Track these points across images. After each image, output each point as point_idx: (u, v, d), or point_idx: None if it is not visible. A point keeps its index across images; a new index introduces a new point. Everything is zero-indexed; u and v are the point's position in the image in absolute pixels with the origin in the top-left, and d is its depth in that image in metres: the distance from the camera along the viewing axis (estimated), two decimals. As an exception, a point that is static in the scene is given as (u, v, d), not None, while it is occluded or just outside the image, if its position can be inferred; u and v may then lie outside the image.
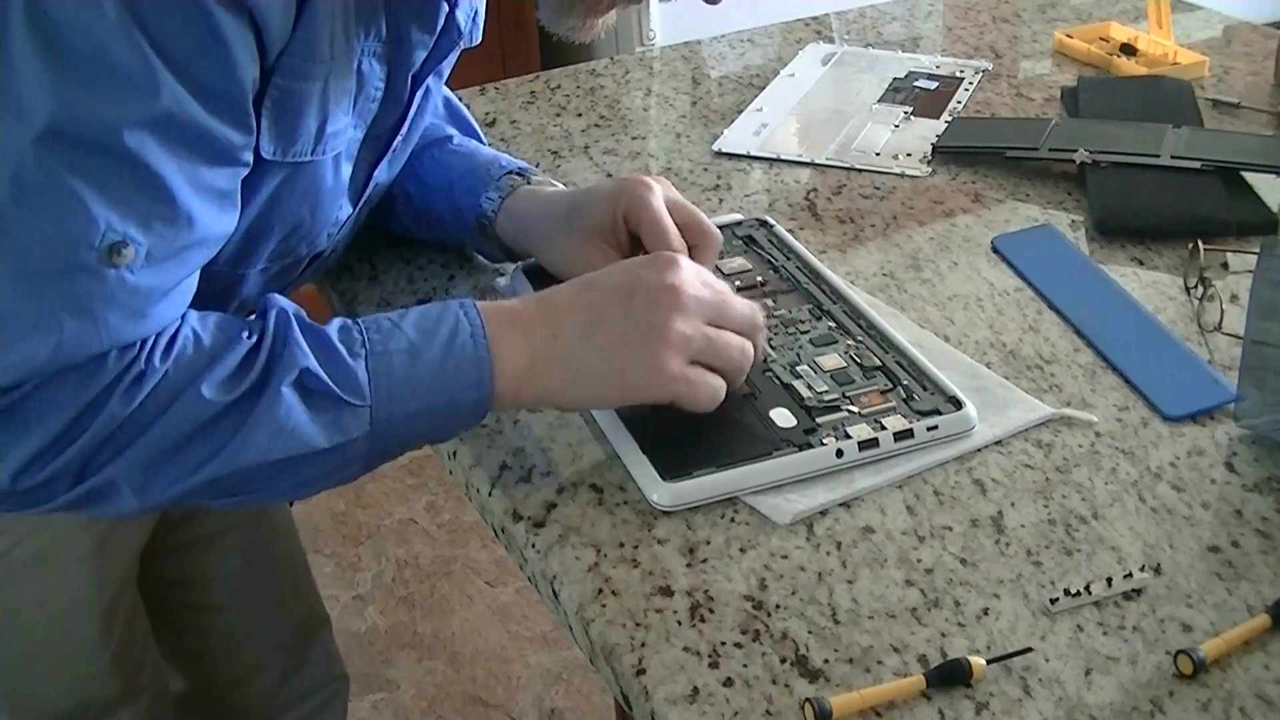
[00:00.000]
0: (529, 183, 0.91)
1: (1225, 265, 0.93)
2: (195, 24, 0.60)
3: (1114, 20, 1.36)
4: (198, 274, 0.69)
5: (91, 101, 0.60)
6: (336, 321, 0.69)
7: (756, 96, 1.24)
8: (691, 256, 0.79)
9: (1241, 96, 1.19)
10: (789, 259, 0.93)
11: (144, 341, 0.64)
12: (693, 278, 0.72)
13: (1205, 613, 0.65)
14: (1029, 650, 0.62)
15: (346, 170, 0.79)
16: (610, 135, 1.17)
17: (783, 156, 1.12)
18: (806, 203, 1.05)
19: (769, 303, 0.88)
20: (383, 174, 0.85)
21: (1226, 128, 1.14)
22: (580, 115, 1.21)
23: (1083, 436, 0.77)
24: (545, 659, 1.90)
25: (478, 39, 0.85)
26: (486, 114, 1.22)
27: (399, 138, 0.83)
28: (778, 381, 0.80)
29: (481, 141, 0.99)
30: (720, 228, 0.97)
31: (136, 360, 0.64)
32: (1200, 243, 0.91)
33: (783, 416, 0.76)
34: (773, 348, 0.83)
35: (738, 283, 0.90)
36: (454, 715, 1.82)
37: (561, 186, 0.92)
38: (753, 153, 1.13)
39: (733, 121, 1.19)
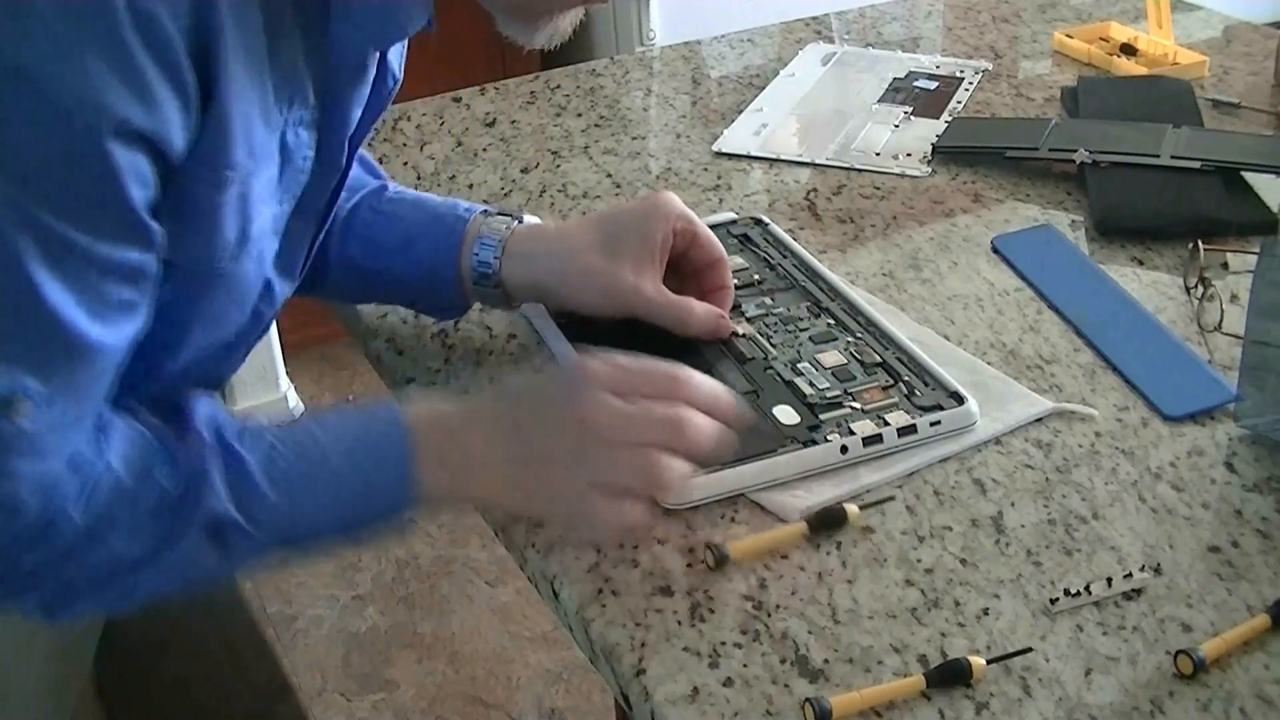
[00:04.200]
0: (520, 222, 0.85)
1: (1225, 265, 0.93)
2: (78, 164, 0.55)
3: (1114, 20, 1.36)
4: (112, 382, 0.64)
5: None
6: (266, 442, 0.67)
7: (756, 96, 1.24)
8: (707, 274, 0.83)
9: (1241, 96, 1.19)
10: (785, 257, 0.93)
11: (60, 487, 0.61)
12: (600, 396, 0.68)
13: (1205, 613, 0.65)
14: (1029, 650, 0.62)
15: (269, 252, 0.71)
16: (610, 135, 1.17)
17: (783, 156, 1.12)
18: (806, 203, 1.05)
19: (767, 300, 0.88)
20: (315, 246, 0.78)
21: (1226, 128, 1.14)
22: (580, 115, 1.21)
23: (1083, 436, 0.77)
24: (545, 659, 1.90)
25: (399, 80, 0.78)
26: (486, 114, 1.22)
27: (339, 204, 0.77)
28: (779, 379, 0.80)
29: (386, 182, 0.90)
30: (716, 227, 0.97)
31: (52, 506, 0.61)
32: (1200, 243, 0.91)
33: (786, 414, 0.77)
34: (773, 345, 0.83)
35: (735, 281, 0.90)
36: (454, 715, 1.82)
37: (538, 220, 0.87)
38: (753, 153, 1.13)
39: (733, 121, 1.19)
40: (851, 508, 0.70)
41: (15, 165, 0.54)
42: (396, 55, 0.74)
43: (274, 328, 2.19)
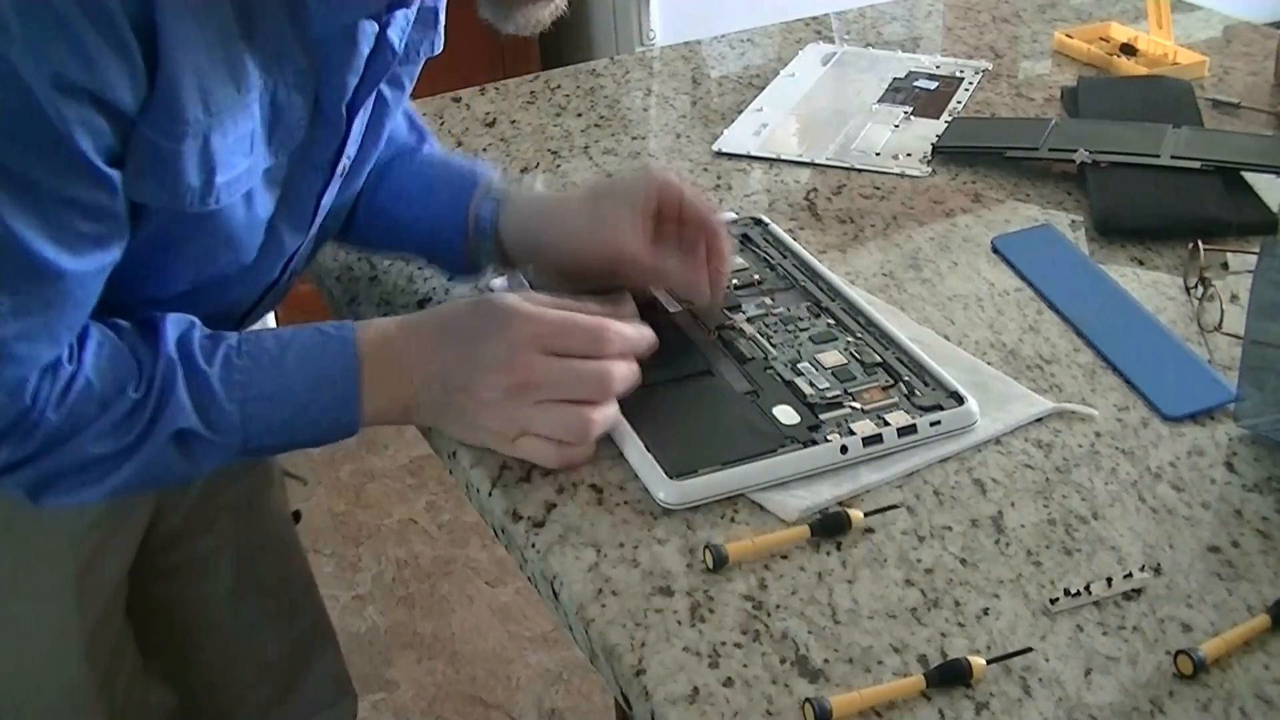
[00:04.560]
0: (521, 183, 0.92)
1: (1225, 265, 0.93)
2: (25, 110, 0.61)
3: (1114, 20, 1.36)
4: (80, 307, 0.71)
5: None
6: (222, 350, 0.74)
7: (756, 96, 1.24)
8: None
9: (1241, 96, 1.19)
10: (785, 257, 0.93)
11: (39, 391, 0.69)
12: (526, 352, 0.74)
13: (1205, 613, 0.65)
14: (1029, 650, 0.62)
15: (265, 203, 0.77)
16: (610, 135, 1.17)
17: (783, 156, 1.12)
18: (806, 203, 1.05)
19: (767, 300, 0.88)
20: (329, 199, 0.84)
21: (1226, 128, 1.14)
22: (580, 115, 1.21)
23: (1083, 436, 0.77)
24: (545, 659, 1.90)
25: (439, 48, 0.85)
26: (486, 114, 1.22)
27: (344, 162, 0.81)
28: (779, 379, 0.80)
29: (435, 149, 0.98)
30: None
31: (32, 409, 0.69)
32: (1200, 243, 0.91)
33: (786, 414, 0.77)
34: (773, 345, 0.83)
35: (735, 281, 0.90)
36: (454, 715, 1.82)
37: (544, 189, 0.93)
38: (753, 153, 1.13)
39: (733, 121, 1.19)
40: (855, 513, 0.70)
41: None
42: (398, 31, 0.79)
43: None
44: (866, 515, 0.70)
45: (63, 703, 0.93)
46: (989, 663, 0.61)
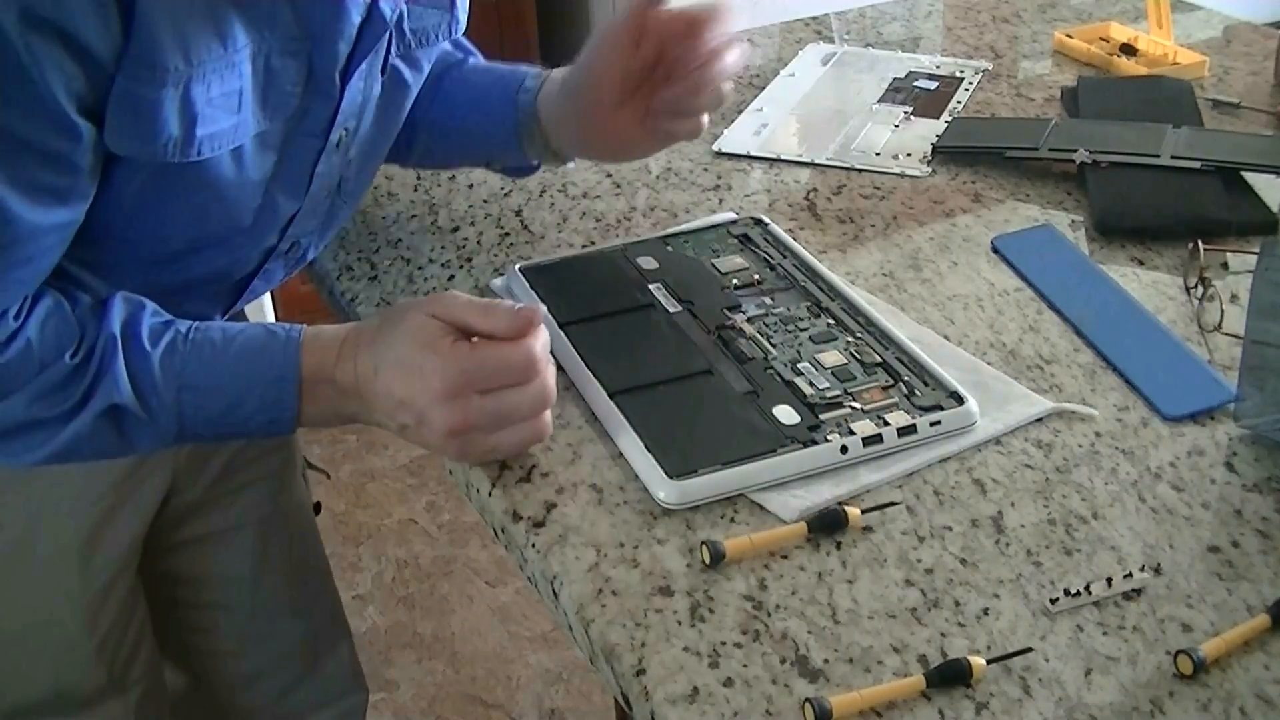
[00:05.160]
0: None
1: (1225, 265, 0.93)
2: (2, 53, 0.63)
3: (1114, 20, 1.36)
4: (35, 263, 0.72)
5: None
6: (169, 335, 0.75)
7: (756, 96, 1.24)
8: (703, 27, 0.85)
9: (1241, 96, 1.19)
10: (785, 257, 0.93)
11: None
12: (450, 407, 0.73)
13: (1205, 613, 0.65)
14: (1029, 650, 0.62)
15: (258, 165, 0.78)
16: (610, 135, 1.17)
17: (783, 156, 1.12)
18: (806, 203, 1.05)
19: (767, 300, 0.88)
20: (325, 166, 0.84)
21: (1226, 128, 1.14)
22: (580, 115, 1.21)
23: (1083, 436, 0.77)
24: (545, 659, 1.90)
25: (457, 31, 0.88)
26: (486, 114, 1.22)
27: (338, 132, 0.82)
28: (779, 379, 0.80)
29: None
30: (716, 226, 0.97)
31: None
32: (1200, 243, 0.91)
33: (786, 413, 0.77)
34: (773, 345, 0.83)
35: (735, 281, 0.90)
36: (454, 715, 1.82)
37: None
38: (753, 153, 1.13)
39: (733, 121, 1.19)
40: (853, 511, 0.70)
41: None
42: (390, 3, 0.80)
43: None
44: (864, 513, 0.70)
45: (61, 665, 0.94)
46: (989, 663, 0.61)
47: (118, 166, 0.72)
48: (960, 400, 0.77)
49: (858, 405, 0.77)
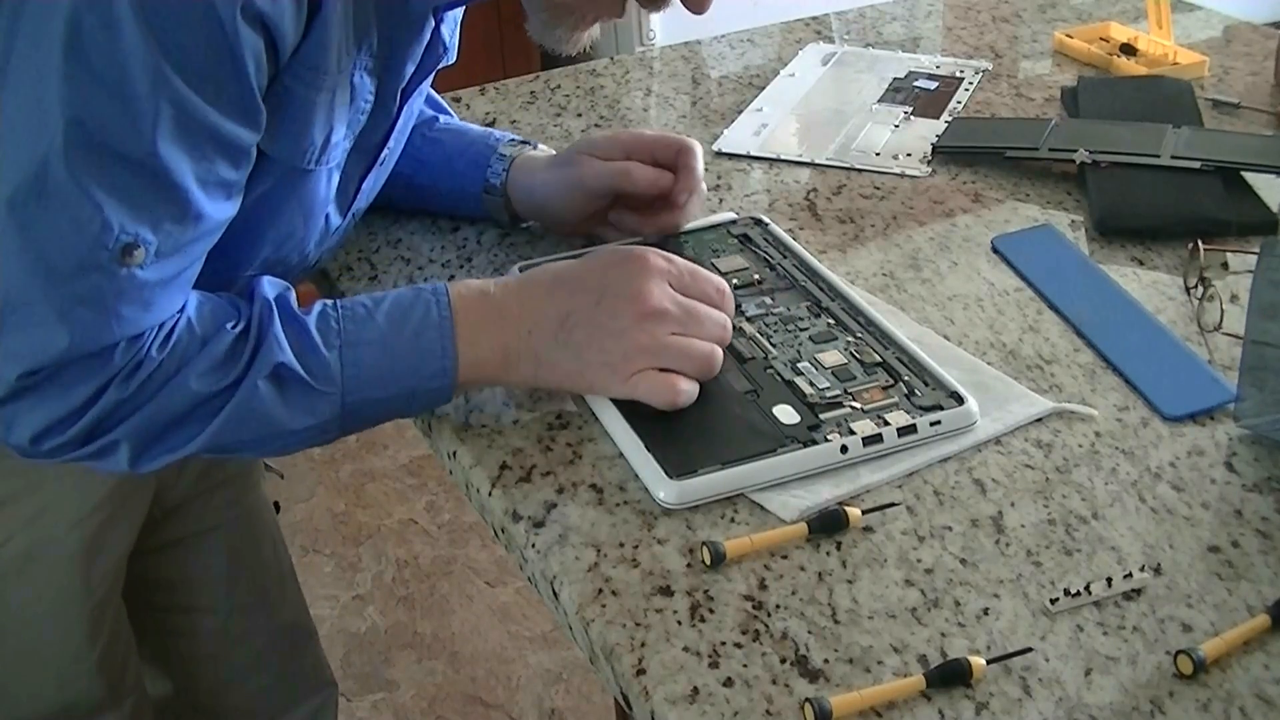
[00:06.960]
0: (534, 149, 0.98)
1: (1225, 265, 0.93)
2: (211, 36, 0.64)
3: (1114, 20, 1.36)
4: (201, 260, 0.73)
5: (110, 112, 0.64)
6: (317, 307, 0.75)
7: (756, 96, 1.24)
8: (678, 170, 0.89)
9: (1241, 96, 1.19)
10: (785, 257, 0.93)
11: (148, 331, 0.70)
12: (660, 284, 0.76)
13: (1205, 613, 0.65)
14: (1029, 650, 0.62)
15: (335, 180, 0.81)
16: (610, 135, 1.17)
17: (783, 156, 1.12)
18: (806, 203, 1.05)
19: (767, 300, 0.88)
20: (369, 184, 0.88)
21: (1226, 128, 1.14)
22: (580, 115, 1.21)
23: (1083, 436, 0.77)
24: (545, 659, 1.90)
25: (453, 58, 0.89)
26: (486, 114, 1.22)
27: (386, 149, 0.85)
28: (780, 378, 0.80)
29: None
30: (716, 226, 0.97)
31: (139, 350, 0.70)
32: (1200, 243, 0.91)
33: (786, 413, 0.77)
34: (773, 345, 0.83)
35: (735, 281, 0.90)
36: (454, 715, 1.82)
37: (544, 150, 0.98)
38: (753, 153, 1.13)
39: (733, 121, 1.19)
40: (853, 511, 0.70)
41: (162, 36, 0.63)
42: (450, 27, 0.83)
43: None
44: (864, 513, 0.70)
45: (66, 677, 0.94)
46: (989, 663, 0.61)
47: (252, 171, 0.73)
48: (960, 400, 0.77)
49: (858, 405, 0.77)
